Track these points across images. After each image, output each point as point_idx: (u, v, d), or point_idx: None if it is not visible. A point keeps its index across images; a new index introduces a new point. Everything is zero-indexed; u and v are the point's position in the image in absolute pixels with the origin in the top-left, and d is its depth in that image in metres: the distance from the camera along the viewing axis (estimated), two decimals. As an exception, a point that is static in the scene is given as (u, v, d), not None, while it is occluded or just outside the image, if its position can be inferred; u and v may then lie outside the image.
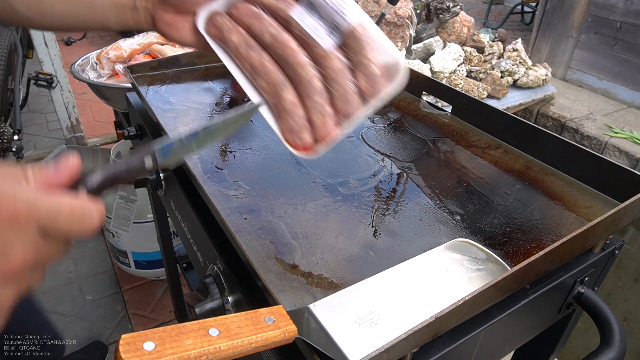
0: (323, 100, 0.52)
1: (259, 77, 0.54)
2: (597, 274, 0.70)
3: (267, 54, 0.54)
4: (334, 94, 0.52)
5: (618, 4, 3.46)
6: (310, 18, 0.54)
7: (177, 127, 0.87)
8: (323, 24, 0.54)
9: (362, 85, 0.53)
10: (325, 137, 0.53)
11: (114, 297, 1.88)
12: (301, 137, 0.53)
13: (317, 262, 0.57)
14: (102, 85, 1.46)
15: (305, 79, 0.52)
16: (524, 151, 0.82)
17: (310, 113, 0.53)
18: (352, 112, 0.53)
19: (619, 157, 3.05)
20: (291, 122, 0.53)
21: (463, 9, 3.15)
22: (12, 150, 2.06)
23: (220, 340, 0.37)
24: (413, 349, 0.45)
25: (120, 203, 1.68)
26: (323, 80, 0.53)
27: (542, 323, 0.69)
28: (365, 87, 0.53)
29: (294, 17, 0.54)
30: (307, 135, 0.53)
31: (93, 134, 2.92)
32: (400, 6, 2.76)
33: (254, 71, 0.55)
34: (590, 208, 0.69)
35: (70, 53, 3.46)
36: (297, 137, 0.53)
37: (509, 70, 3.11)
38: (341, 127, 0.53)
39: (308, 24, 0.53)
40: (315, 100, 0.52)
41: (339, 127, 0.53)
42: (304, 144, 0.53)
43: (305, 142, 0.53)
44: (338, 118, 0.53)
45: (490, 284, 0.46)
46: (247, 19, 0.56)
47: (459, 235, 0.63)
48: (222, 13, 0.57)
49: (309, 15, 0.54)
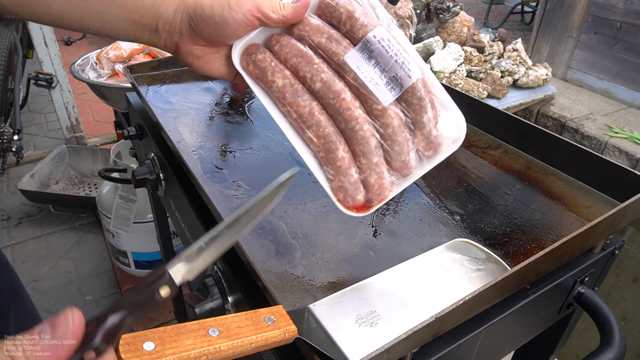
0: (380, 159, 0.49)
1: (307, 127, 0.49)
2: (597, 274, 0.70)
3: (317, 102, 0.49)
4: (390, 154, 0.49)
5: (618, 4, 3.46)
6: (367, 66, 0.48)
7: (177, 127, 0.87)
8: (381, 74, 0.48)
9: (420, 147, 0.50)
10: (381, 198, 0.50)
11: (114, 297, 1.87)
12: (355, 197, 0.49)
13: (317, 262, 0.57)
14: (102, 85, 1.46)
15: (360, 136, 0.48)
16: (524, 151, 0.82)
17: (365, 173, 0.49)
18: (409, 173, 0.50)
19: (619, 157, 3.05)
20: (344, 181, 0.49)
21: (463, 8, 3.15)
22: (12, 150, 2.06)
23: (220, 340, 0.37)
24: (413, 349, 0.45)
25: (120, 203, 1.67)
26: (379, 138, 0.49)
27: (542, 323, 0.69)
28: (425, 148, 0.50)
29: (348, 63, 0.48)
30: (361, 196, 0.50)
31: (93, 134, 2.92)
32: (400, 6, 2.76)
33: (301, 120, 0.49)
34: (590, 208, 0.69)
35: (70, 53, 3.47)
36: (350, 198, 0.49)
37: (509, 70, 3.11)
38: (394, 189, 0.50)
39: (365, 73, 0.48)
40: (372, 161, 0.48)
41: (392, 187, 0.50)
42: (357, 204, 0.50)
43: (357, 203, 0.50)
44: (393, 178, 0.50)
45: (490, 284, 0.46)
46: (293, 59, 0.49)
47: (459, 235, 0.63)
48: (262, 48, 0.51)
49: (366, 62, 0.48)
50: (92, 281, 1.95)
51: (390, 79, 0.48)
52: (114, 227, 1.70)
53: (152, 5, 0.51)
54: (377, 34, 0.48)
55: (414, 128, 0.49)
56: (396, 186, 0.51)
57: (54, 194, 2.23)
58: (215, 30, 0.50)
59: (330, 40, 0.49)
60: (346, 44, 0.49)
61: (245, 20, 0.49)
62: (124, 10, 0.51)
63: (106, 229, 1.76)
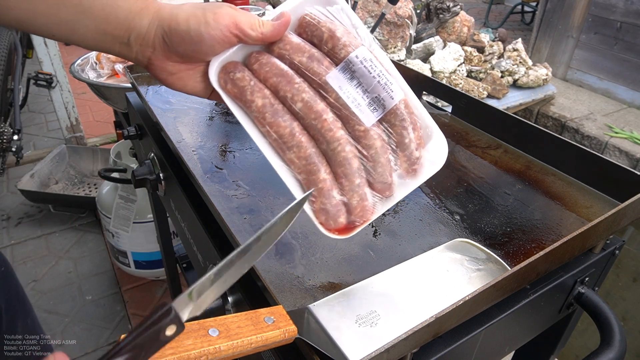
0: (362, 181, 0.48)
1: (288, 148, 0.48)
2: (598, 274, 0.69)
3: (298, 122, 0.48)
4: (372, 175, 0.48)
5: (618, 4, 3.46)
6: (349, 86, 0.47)
7: (177, 127, 0.87)
8: (364, 94, 0.47)
9: (403, 168, 0.49)
10: (364, 220, 0.49)
11: (114, 297, 1.87)
12: (337, 220, 0.48)
13: (317, 262, 0.57)
14: (102, 85, 1.46)
15: (343, 157, 0.47)
16: (524, 151, 0.82)
17: (347, 195, 0.48)
18: (392, 194, 0.50)
19: (619, 157, 3.05)
20: (326, 203, 0.48)
21: (463, 8, 3.15)
22: (11, 150, 2.06)
23: (220, 340, 0.37)
24: (413, 349, 0.45)
25: (120, 203, 1.67)
26: (361, 159, 0.48)
27: (542, 323, 0.69)
28: (407, 169, 0.49)
29: (330, 83, 0.47)
30: (343, 218, 0.49)
31: (93, 134, 2.92)
32: (401, 6, 2.76)
33: (281, 141, 0.48)
34: (590, 208, 0.69)
35: (70, 53, 3.46)
36: (332, 220, 0.48)
37: (509, 70, 3.11)
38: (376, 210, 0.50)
39: (347, 94, 0.47)
40: (354, 183, 0.48)
41: (375, 209, 0.50)
42: (338, 227, 0.49)
43: (339, 226, 0.49)
44: (375, 200, 0.49)
45: (491, 284, 0.46)
46: (273, 79, 0.48)
47: (459, 235, 0.63)
48: (241, 66, 0.50)
49: (348, 83, 0.47)
50: (92, 281, 1.95)
51: (373, 99, 0.48)
52: (113, 227, 1.70)
53: (125, 18, 0.49)
54: (360, 54, 0.47)
55: (397, 149, 0.49)
56: (379, 207, 0.50)
57: (54, 194, 2.23)
58: (190, 46, 0.48)
59: (312, 59, 0.48)
60: (327, 63, 0.48)
61: (222, 36, 0.47)
62: (95, 21, 0.49)
63: (106, 229, 1.76)
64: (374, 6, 2.84)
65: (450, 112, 0.95)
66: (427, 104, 0.99)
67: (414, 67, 1.34)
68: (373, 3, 2.84)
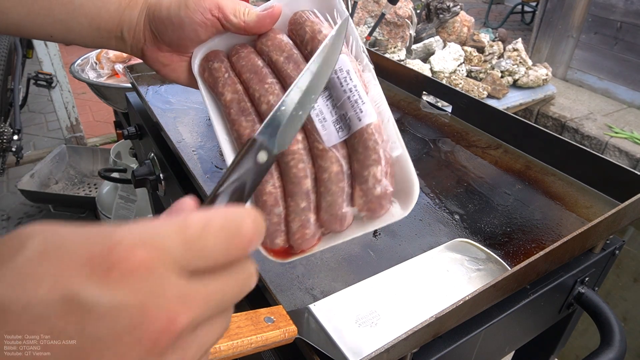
0: (308, 205, 0.41)
1: None
2: (598, 274, 0.69)
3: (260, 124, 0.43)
4: (321, 203, 0.42)
5: (618, 4, 3.46)
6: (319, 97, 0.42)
7: (177, 126, 0.87)
8: (332, 109, 0.42)
9: (357, 204, 0.41)
10: (300, 250, 0.43)
11: (114, 297, 1.88)
12: (273, 240, 0.43)
13: (317, 261, 0.57)
14: (102, 85, 1.46)
15: (293, 174, 0.41)
16: (524, 151, 0.82)
17: (289, 217, 0.42)
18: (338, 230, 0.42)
19: (619, 157, 3.05)
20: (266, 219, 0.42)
21: (463, 8, 3.15)
22: (11, 150, 2.06)
23: (220, 340, 0.37)
24: (413, 349, 0.45)
25: (120, 203, 1.67)
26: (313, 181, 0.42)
27: (542, 323, 0.69)
28: (362, 206, 0.41)
29: None
30: (280, 240, 0.43)
31: (93, 134, 2.91)
32: (400, 6, 2.76)
33: (239, 142, 0.45)
34: (590, 208, 0.69)
35: (70, 53, 3.46)
36: (268, 239, 0.43)
37: (509, 70, 3.10)
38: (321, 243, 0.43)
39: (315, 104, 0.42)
40: (299, 205, 0.41)
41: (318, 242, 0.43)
42: (274, 247, 0.43)
43: (275, 247, 0.43)
44: (320, 232, 0.43)
45: (491, 284, 0.46)
46: (246, 74, 0.45)
47: (459, 235, 0.63)
48: (222, 56, 0.48)
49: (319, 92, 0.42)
50: (92, 281, 1.95)
51: (340, 117, 0.42)
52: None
53: (116, 11, 0.49)
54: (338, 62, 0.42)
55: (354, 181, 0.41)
56: (323, 241, 0.43)
57: (54, 194, 2.23)
58: (174, 33, 0.47)
59: (289, 60, 0.44)
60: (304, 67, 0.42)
61: (204, 19, 0.46)
62: (88, 18, 0.49)
63: (106, 229, 1.76)
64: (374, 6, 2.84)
65: (450, 112, 0.95)
66: (428, 104, 0.99)
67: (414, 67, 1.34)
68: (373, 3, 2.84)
